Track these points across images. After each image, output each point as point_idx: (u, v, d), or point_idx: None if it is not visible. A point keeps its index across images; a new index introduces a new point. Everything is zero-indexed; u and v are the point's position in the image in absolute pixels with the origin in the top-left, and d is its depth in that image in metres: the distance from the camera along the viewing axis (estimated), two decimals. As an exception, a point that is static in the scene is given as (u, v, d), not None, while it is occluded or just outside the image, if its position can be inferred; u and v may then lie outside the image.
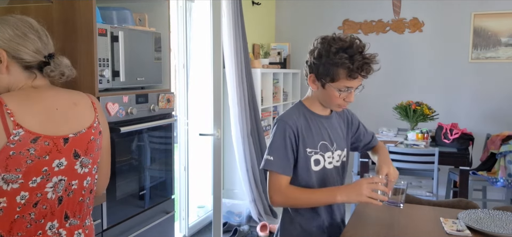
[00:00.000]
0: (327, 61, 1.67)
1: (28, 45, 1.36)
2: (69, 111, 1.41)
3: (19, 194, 1.31)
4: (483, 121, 5.18)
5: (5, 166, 1.27)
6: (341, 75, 1.66)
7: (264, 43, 5.58)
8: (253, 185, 4.37)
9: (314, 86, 1.76)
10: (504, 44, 5.08)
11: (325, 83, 1.70)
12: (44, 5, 2.24)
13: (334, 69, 1.66)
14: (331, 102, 1.76)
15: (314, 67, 1.72)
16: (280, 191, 1.74)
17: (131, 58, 2.45)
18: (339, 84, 1.68)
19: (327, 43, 1.69)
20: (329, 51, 1.67)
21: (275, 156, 1.73)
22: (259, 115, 4.55)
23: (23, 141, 1.28)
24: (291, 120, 1.75)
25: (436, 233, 1.76)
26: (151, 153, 2.68)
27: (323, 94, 1.75)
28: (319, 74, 1.70)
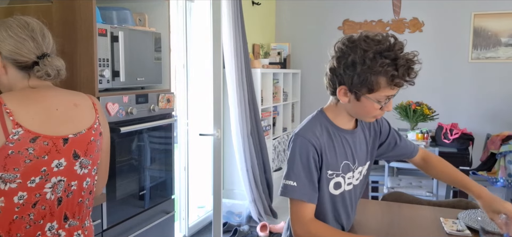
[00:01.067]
0: (363, 70, 1.39)
1: (19, 46, 1.37)
2: (69, 112, 1.42)
3: (17, 194, 1.31)
4: (483, 121, 5.18)
5: (3, 166, 1.27)
6: (382, 84, 1.40)
7: (264, 43, 5.58)
8: (253, 185, 4.36)
9: (344, 99, 1.48)
10: (504, 44, 5.08)
11: (360, 95, 1.43)
12: (44, 5, 2.24)
13: (373, 78, 1.39)
14: (366, 115, 1.51)
15: (345, 77, 1.44)
16: (303, 224, 1.49)
17: (131, 58, 2.45)
18: (378, 94, 1.42)
19: (359, 47, 1.41)
20: (364, 57, 1.39)
21: (300, 182, 1.48)
22: (259, 115, 4.55)
23: (22, 140, 1.28)
24: (313, 138, 1.51)
25: (436, 233, 1.75)
26: (151, 153, 2.68)
27: (356, 107, 1.49)
28: (353, 85, 1.43)
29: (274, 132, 5.26)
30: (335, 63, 1.47)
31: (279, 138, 5.30)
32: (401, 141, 1.80)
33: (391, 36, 1.43)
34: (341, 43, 1.47)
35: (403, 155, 1.83)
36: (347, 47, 1.44)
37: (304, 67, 5.91)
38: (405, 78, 1.41)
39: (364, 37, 1.43)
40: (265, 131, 4.75)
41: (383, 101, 1.45)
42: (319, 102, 5.87)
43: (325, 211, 1.60)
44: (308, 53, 5.88)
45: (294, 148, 1.52)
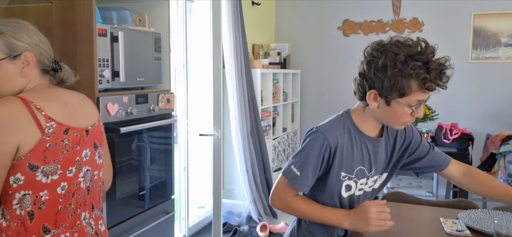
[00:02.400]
0: (394, 73, 1.38)
1: (48, 51, 1.45)
2: (81, 107, 1.50)
3: (59, 185, 1.36)
4: (483, 121, 5.18)
5: (43, 159, 1.31)
6: (413, 88, 1.39)
7: (264, 43, 5.58)
8: (253, 185, 4.36)
9: (374, 104, 1.46)
10: (504, 44, 5.08)
11: (390, 99, 1.42)
12: (44, 5, 2.24)
13: (404, 81, 1.38)
14: (396, 121, 1.50)
15: (376, 81, 1.42)
16: (282, 199, 1.59)
17: (131, 58, 2.45)
18: (410, 98, 1.41)
19: (390, 50, 1.40)
20: (395, 60, 1.38)
21: (303, 174, 1.52)
22: (259, 115, 4.55)
23: (57, 132, 1.34)
24: (332, 136, 1.51)
25: (436, 233, 1.75)
26: (151, 153, 2.68)
27: (386, 112, 1.47)
28: (383, 89, 1.41)
29: (274, 132, 5.26)
30: (365, 67, 1.46)
31: (279, 138, 5.30)
32: (433, 151, 1.76)
33: (422, 40, 1.42)
34: (371, 47, 1.47)
35: (433, 167, 1.77)
36: (378, 51, 1.43)
37: (304, 67, 5.91)
38: (437, 82, 1.40)
39: (395, 41, 1.43)
40: (265, 131, 4.75)
41: (414, 106, 1.43)
42: (319, 102, 5.91)
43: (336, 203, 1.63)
44: (308, 53, 5.88)
45: (312, 141, 1.52)
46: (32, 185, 1.31)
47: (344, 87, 5.67)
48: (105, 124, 2.23)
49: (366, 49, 1.49)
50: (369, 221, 1.49)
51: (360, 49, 1.65)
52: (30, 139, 1.29)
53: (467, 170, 1.81)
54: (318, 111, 5.88)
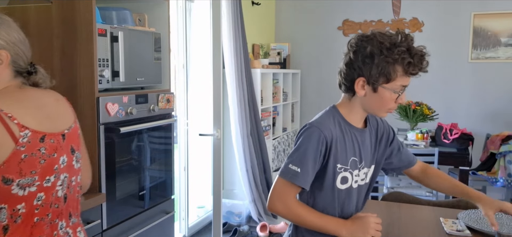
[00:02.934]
0: (381, 59, 1.47)
1: (26, 52, 1.34)
2: (55, 108, 1.38)
3: (36, 196, 1.26)
4: (482, 121, 5.18)
5: (19, 171, 1.21)
6: (398, 73, 1.49)
7: (264, 43, 5.58)
8: (253, 185, 4.36)
9: (361, 92, 1.53)
10: (503, 44, 5.08)
11: (377, 86, 1.50)
12: (44, 5, 2.24)
13: (391, 67, 1.47)
14: (381, 107, 1.56)
15: (364, 68, 1.50)
16: (289, 203, 1.57)
17: (131, 58, 2.45)
18: (395, 83, 1.50)
19: (375, 40, 1.48)
20: (381, 47, 1.47)
21: (303, 170, 1.52)
22: (259, 115, 4.55)
23: (33, 141, 1.23)
24: (326, 130, 1.55)
25: (436, 233, 1.76)
26: (151, 153, 2.68)
27: (373, 99, 1.54)
28: (371, 76, 1.49)
29: (274, 132, 5.27)
30: (352, 57, 1.52)
31: (279, 138, 5.30)
32: (404, 149, 1.84)
33: (402, 31, 1.52)
34: (356, 39, 1.54)
35: (404, 163, 1.84)
36: (363, 41, 1.51)
37: (304, 67, 5.91)
38: (420, 66, 1.49)
39: (377, 32, 1.51)
40: (265, 131, 4.75)
41: (399, 91, 1.52)
42: (319, 102, 5.91)
43: (331, 205, 1.63)
44: (308, 53, 5.88)
45: (308, 137, 1.55)
46: (8, 199, 1.21)
47: (344, 87, 5.66)
48: (105, 124, 2.24)
49: (350, 42, 1.55)
50: (369, 230, 1.54)
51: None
52: (2, 151, 1.17)
53: (424, 167, 1.90)
54: (318, 111, 5.84)
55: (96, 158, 2.23)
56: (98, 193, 2.24)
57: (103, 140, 2.25)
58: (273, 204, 1.59)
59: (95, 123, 2.21)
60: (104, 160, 2.27)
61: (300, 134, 1.59)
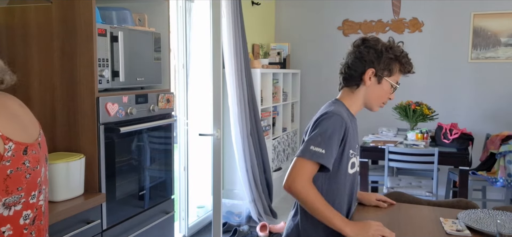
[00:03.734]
0: (387, 56, 1.75)
1: None
2: (24, 114, 1.22)
3: (22, 215, 1.15)
4: (482, 121, 5.18)
5: (4, 189, 1.08)
6: (396, 70, 1.78)
7: (264, 43, 5.58)
8: (252, 185, 4.36)
9: (368, 82, 1.77)
10: (503, 44, 5.08)
11: (382, 77, 1.77)
12: (44, 5, 2.24)
13: (393, 63, 1.76)
14: (379, 99, 1.81)
15: (375, 61, 1.76)
16: (305, 181, 1.64)
17: (130, 58, 2.45)
18: (394, 78, 1.79)
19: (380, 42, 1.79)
20: (386, 47, 1.77)
21: (328, 151, 1.65)
22: (259, 115, 4.55)
23: (17, 155, 1.10)
24: (346, 118, 1.72)
25: (436, 233, 1.76)
26: (151, 153, 2.68)
27: (375, 90, 1.79)
28: (380, 67, 1.76)
29: (274, 132, 5.27)
30: (364, 51, 1.77)
31: (279, 138, 5.30)
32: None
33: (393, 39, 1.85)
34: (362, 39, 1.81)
35: None
36: (371, 41, 1.79)
37: (303, 67, 5.91)
38: (410, 65, 1.81)
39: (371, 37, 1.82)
40: (264, 131, 4.75)
41: (394, 86, 1.80)
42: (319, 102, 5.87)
43: (343, 189, 1.77)
44: (308, 53, 5.88)
45: (332, 122, 1.69)
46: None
47: (344, 87, 5.67)
48: (105, 124, 2.24)
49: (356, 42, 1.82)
50: (370, 231, 1.64)
51: None
52: None
53: None
54: (318, 111, 5.87)
55: (96, 158, 2.23)
56: (98, 193, 2.24)
57: (103, 140, 2.25)
58: (293, 182, 1.65)
59: (95, 123, 2.22)
60: (104, 160, 2.27)
61: (321, 119, 1.72)
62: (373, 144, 4.27)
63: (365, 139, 4.64)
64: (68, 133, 2.27)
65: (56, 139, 2.29)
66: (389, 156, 4.05)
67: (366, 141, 4.51)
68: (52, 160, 2.08)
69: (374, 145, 4.23)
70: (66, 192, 2.09)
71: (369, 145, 4.26)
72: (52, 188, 2.04)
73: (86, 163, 2.22)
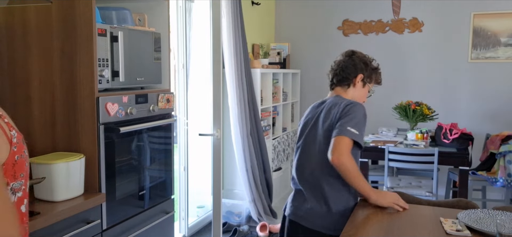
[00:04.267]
0: (371, 67, 2.25)
1: None
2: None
3: (23, 202, 1.19)
4: (482, 121, 5.18)
5: (13, 174, 1.13)
6: (373, 79, 2.28)
7: (264, 43, 5.58)
8: (252, 185, 4.36)
9: (358, 84, 2.23)
10: (503, 44, 5.08)
11: (366, 83, 2.24)
12: (43, 5, 2.24)
13: (373, 73, 2.26)
14: (361, 99, 2.26)
15: (365, 70, 2.23)
16: (348, 156, 1.98)
17: (130, 58, 2.45)
18: (372, 84, 2.28)
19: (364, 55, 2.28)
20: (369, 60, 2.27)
21: (361, 133, 2.03)
22: (259, 115, 4.55)
23: (19, 143, 1.15)
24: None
25: (436, 233, 1.76)
26: (151, 153, 2.68)
27: (360, 91, 2.25)
28: (366, 74, 2.23)
29: (274, 132, 5.27)
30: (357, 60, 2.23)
31: (279, 138, 5.30)
32: None
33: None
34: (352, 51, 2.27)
35: None
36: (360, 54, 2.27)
37: (303, 67, 5.91)
38: (380, 79, 2.32)
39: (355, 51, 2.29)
40: (264, 131, 4.75)
41: (371, 90, 2.31)
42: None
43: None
44: (308, 53, 5.88)
45: (360, 110, 2.08)
46: None
47: (344, 87, 5.67)
48: (105, 124, 2.25)
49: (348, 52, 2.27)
50: (388, 199, 2.04)
51: (360, 49, 2.26)
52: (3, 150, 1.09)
53: None
54: (318, 111, 5.87)
55: (96, 158, 2.23)
56: (98, 193, 2.24)
57: (103, 140, 2.25)
58: (340, 155, 1.98)
59: (95, 123, 2.22)
60: (104, 160, 2.27)
61: (350, 107, 2.08)
62: (373, 144, 4.27)
63: (365, 139, 4.64)
64: (68, 133, 2.27)
65: (56, 139, 2.29)
66: (389, 156, 4.05)
67: (366, 141, 4.51)
68: (52, 160, 2.08)
69: (374, 145, 4.23)
70: (66, 192, 2.09)
71: (369, 145, 4.26)
72: (52, 188, 2.04)
73: (86, 163, 2.22)
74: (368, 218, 1.96)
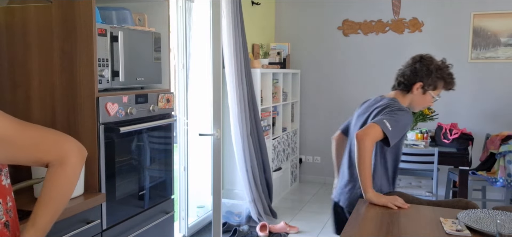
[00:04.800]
0: (435, 75, 2.28)
1: None
2: None
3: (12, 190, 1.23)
4: (482, 121, 5.18)
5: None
6: (440, 86, 2.31)
7: (264, 43, 5.58)
8: (252, 185, 4.36)
9: (415, 91, 2.31)
10: (503, 44, 5.08)
11: (427, 90, 2.29)
12: (43, 5, 2.24)
13: (439, 81, 2.29)
14: (420, 105, 2.36)
15: (425, 77, 2.28)
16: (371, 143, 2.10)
17: (130, 58, 2.45)
18: (437, 92, 2.31)
19: (434, 62, 2.32)
20: (436, 68, 2.30)
21: (394, 131, 2.12)
22: (259, 115, 4.55)
23: None
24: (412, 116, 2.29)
25: (436, 233, 1.76)
26: (151, 153, 2.68)
27: (419, 98, 2.32)
28: (426, 83, 2.28)
29: (274, 132, 5.27)
30: (418, 67, 2.30)
31: (279, 138, 5.30)
32: None
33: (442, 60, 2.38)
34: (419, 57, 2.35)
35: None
36: (427, 60, 2.32)
37: (303, 67, 5.91)
38: (452, 86, 2.35)
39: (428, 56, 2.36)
40: (264, 131, 4.75)
41: (435, 97, 2.33)
42: (318, 102, 5.87)
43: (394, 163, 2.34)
44: (308, 53, 5.88)
45: (404, 116, 2.20)
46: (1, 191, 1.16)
47: (343, 87, 5.67)
48: (105, 124, 2.25)
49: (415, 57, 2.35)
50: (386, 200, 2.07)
51: (360, 49, 2.22)
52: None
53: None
54: (318, 111, 5.88)
55: (96, 158, 2.23)
56: (98, 193, 2.24)
57: (103, 140, 2.25)
58: (365, 136, 2.10)
59: (95, 123, 2.21)
60: (104, 160, 2.27)
61: (397, 109, 2.20)
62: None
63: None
64: (68, 133, 2.23)
65: (56, 139, 2.29)
66: (389, 156, 4.04)
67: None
68: (52, 160, 2.07)
69: (374, 145, 4.23)
70: (66, 192, 2.08)
71: (369, 145, 4.26)
72: (52, 188, 2.04)
73: (86, 163, 2.22)
74: (368, 218, 1.96)
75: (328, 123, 5.77)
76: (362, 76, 5.56)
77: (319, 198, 5.32)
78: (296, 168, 5.97)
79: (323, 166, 5.96)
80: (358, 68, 5.59)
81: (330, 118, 5.77)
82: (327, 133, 5.89)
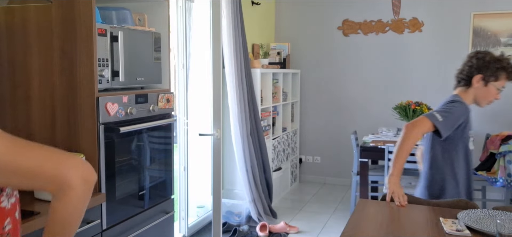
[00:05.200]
0: (494, 65, 2.25)
1: None
2: None
3: (16, 209, 1.12)
4: (482, 121, 5.18)
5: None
6: (502, 77, 2.27)
7: (264, 43, 5.58)
8: (252, 185, 4.37)
9: (476, 84, 2.29)
10: (503, 44, 5.08)
11: (488, 82, 2.27)
12: (43, 5, 2.24)
13: (499, 71, 2.25)
14: (485, 98, 2.33)
15: (483, 69, 2.27)
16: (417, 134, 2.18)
17: (130, 58, 2.45)
18: (500, 83, 2.28)
19: (490, 53, 2.31)
20: (495, 58, 2.28)
21: (444, 121, 2.16)
22: (259, 115, 4.55)
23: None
24: (469, 106, 2.30)
25: (436, 233, 1.76)
26: (151, 153, 2.68)
27: (482, 91, 2.30)
28: (486, 74, 2.26)
29: (274, 132, 5.27)
30: (475, 61, 2.29)
31: (279, 138, 5.30)
32: None
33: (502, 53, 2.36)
34: (476, 52, 2.33)
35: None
36: (482, 53, 2.30)
37: (303, 67, 5.91)
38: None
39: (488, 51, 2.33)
40: (264, 131, 4.75)
41: (499, 88, 2.30)
42: (318, 102, 5.87)
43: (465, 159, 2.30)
44: (308, 53, 5.88)
45: (459, 106, 2.24)
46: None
47: (343, 87, 5.67)
48: (105, 124, 2.25)
49: (471, 54, 2.34)
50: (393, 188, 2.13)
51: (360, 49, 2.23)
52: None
53: None
54: (318, 111, 5.88)
55: (96, 158, 2.23)
56: (97, 193, 2.24)
57: (103, 140, 2.25)
58: (413, 127, 2.18)
59: (95, 123, 2.21)
60: (104, 160, 2.27)
61: (451, 101, 2.27)
62: (373, 144, 4.27)
63: (365, 139, 4.64)
64: (68, 133, 2.27)
65: (56, 139, 2.29)
66: (389, 156, 4.04)
67: (366, 141, 4.50)
68: (52, 160, 2.07)
69: (374, 145, 4.23)
70: (66, 192, 2.08)
71: (369, 145, 4.26)
72: (52, 188, 2.04)
73: (86, 163, 2.21)
74: (368, 218, 1.96)
75: (328, 123, 5.78)
76: (362, 76, 5.57)
77: (319, 198, 5.32)
78: (296, 168, 5.97)
79: (323, 166, 5.96)
80: (358, 68, 5.60)
81: (330, 118, 5.77)
82: (327, 133, 5.90)
